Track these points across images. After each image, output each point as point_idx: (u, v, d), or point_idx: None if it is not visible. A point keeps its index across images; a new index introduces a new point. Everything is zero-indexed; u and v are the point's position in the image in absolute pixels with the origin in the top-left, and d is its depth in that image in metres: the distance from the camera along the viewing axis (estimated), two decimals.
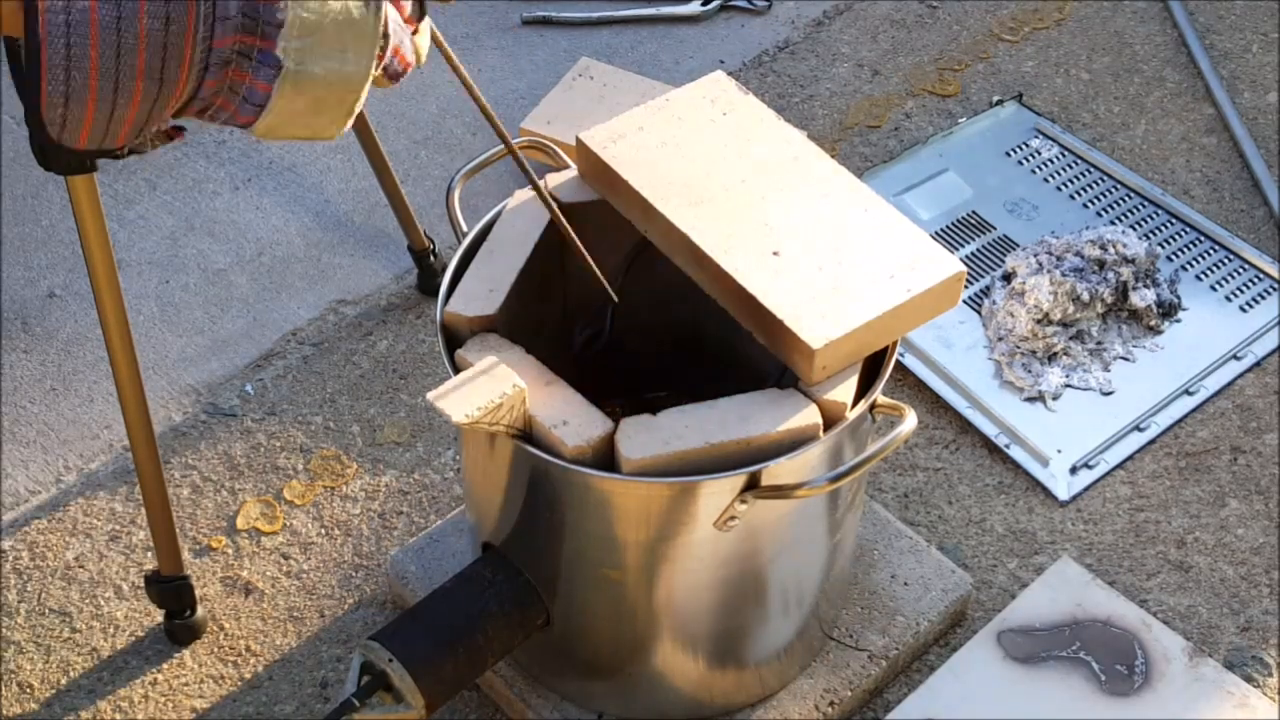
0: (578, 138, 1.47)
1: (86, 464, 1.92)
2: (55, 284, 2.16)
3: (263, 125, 1.19)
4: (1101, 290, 1.99)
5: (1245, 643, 1.72)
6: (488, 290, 1.39)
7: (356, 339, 2.07)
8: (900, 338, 1.38)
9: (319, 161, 2.35)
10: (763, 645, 1.53)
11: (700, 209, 1.39)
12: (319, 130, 1.22)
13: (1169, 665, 1.63)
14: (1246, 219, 2.22)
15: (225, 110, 1.20)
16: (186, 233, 2.23)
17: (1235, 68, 2.48)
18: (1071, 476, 1.88)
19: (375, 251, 2.20)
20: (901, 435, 1.30)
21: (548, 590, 1.45)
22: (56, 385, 2.02)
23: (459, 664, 1.42)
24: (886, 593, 1.68)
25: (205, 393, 2.01)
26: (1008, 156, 2.32)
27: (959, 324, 2.05)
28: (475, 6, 2.65)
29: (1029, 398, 1.95)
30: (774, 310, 1.30)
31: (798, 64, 2.52)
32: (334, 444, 1.94)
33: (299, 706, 1.66)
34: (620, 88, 2.34)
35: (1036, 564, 1.79)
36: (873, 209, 1.41)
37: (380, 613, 1.75)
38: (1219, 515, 1.85)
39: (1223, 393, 1.98)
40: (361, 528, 1.84)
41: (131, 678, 1.69)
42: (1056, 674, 1.62)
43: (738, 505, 1.29)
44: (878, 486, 1.88)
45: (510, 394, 1.26)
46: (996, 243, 2.17)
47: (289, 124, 1.20)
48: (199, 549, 1.82)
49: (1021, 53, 2.53)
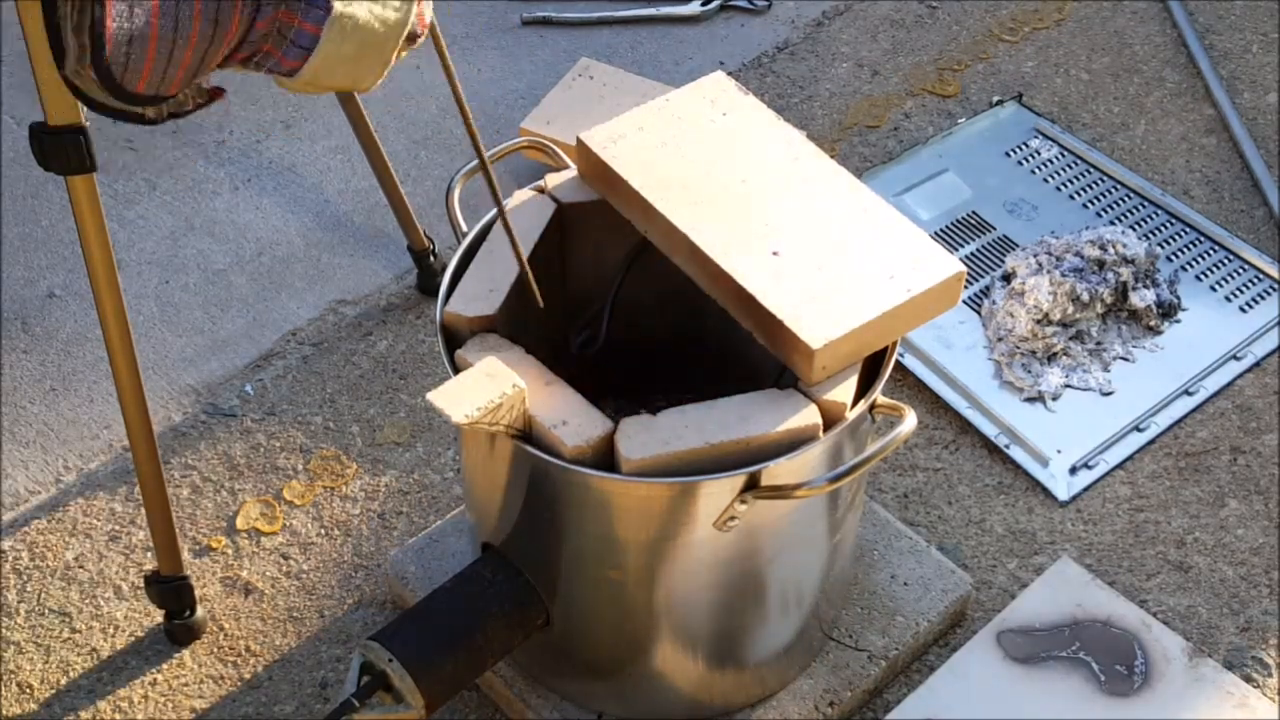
0: (578, 138, 1.47)
1: (86, 464, 1.92)
2: (55, 284, 2.16)
3: (308, 70, 1.20)
4: (1101, 290, 1.99)
5: (1245, 643, 1.72)
6: (487, 290, 1.39)
7: (356, 339, 2.07)
8: (900, 338, 1.38)
9: (319, 162, 2.35)
10: (762, 645, 1.53)
11: (700, 209, 1.39)
12: (359, 78, 1.23)
13: (1169, 665, 1.63)
14: (1246, 219, 2.22)
15: (271, 56, 1.20)
16: (186, 233, 2.24)
17: (1235, 68, 2.48)
18: (1071, 477, 1.88)
19: (375, 252, 2.20)
20: (901, 435, 1.30)
21: (547, 590, 1.45)
22: (56, 385, 2.02)
23: (459, 664, 1.42)
24: (886, 593, 1.68)
25: (205, 393, 2.01)
26: (1007, 157, 2.32)
27: (959, 324, 2.05)
28: (475, 6, 2.65)
29: (1029, 398, 1.95)
30: (774, 310, 1.30)
31: (797, 64, 2.52)
32: (334, 444, 1.94)
33: (299, 707, 1.66)
34: (620, 88, 2.34)
35: (1036, 564, 1.79)
36: (872, 209, 1.41)
37: (380, 613, 1.75)
38: (1218, 516, 1.85)
39: (1222, 393, 1.98)
40: (361, 528, 1.84)
41: (131, 678, 1.69)
42: (1056, 674, 1.62)
43: (737, 505, 1.29)
44: (878, 487, 1.88)
45: (510, 394, 1.26)
46: (996, 243, 2.17)
47: (332, 70, 1.21)
48: (199, 549, 1.82)
49: (1021, 53, 2.53)
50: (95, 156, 1.37)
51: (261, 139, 2.39)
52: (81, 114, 1.34)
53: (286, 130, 2.41)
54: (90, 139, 1.35)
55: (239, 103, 2.46)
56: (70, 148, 1.35)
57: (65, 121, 1.34)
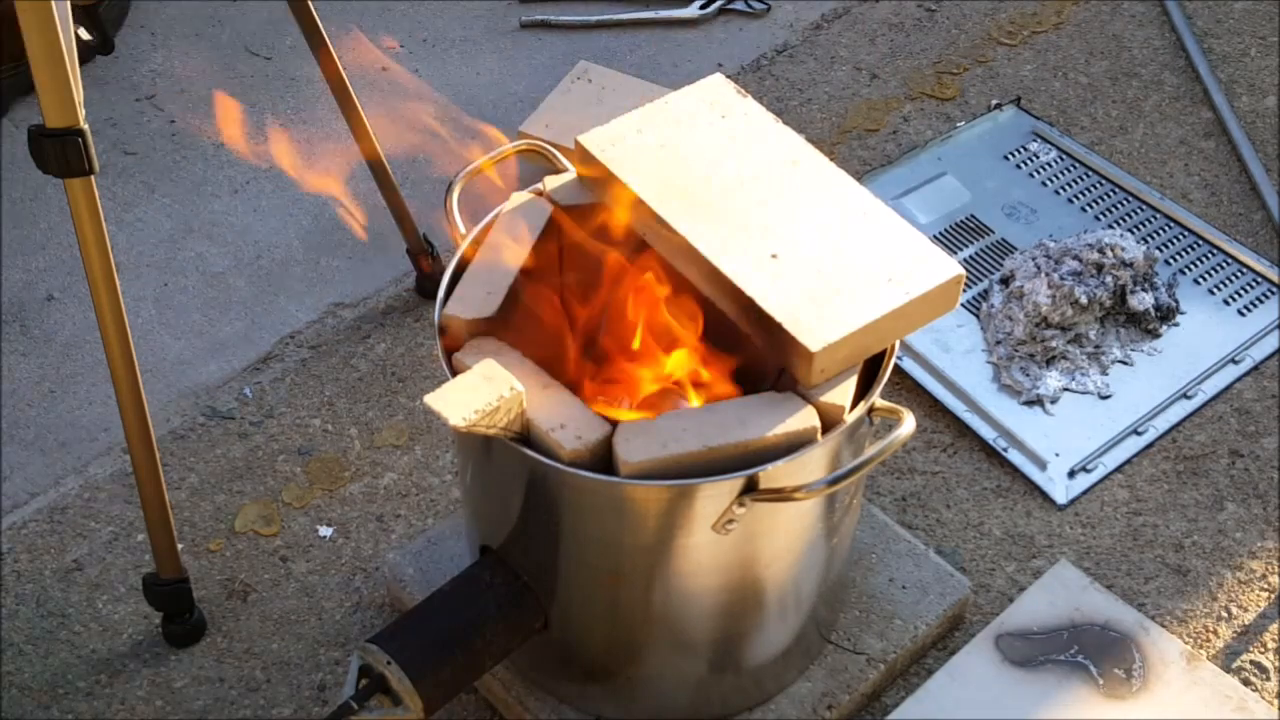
0: (576, 140, 1.47)
1: (85, 466, 1.92)
2: (54, 286, 2.16)
3: None
4: (1099, 294, 1.99)
5: (1242, 646, 1.72)
6: (485, 293, 1.39)
7: (354, 342, 2.07)
8: (898, 341, 1.38)
9: (318, 164, 2.35)
10: (760, 648, 1.53)
11: (698, 212, 1.39)
12: None
13: (1166, 669, 1.63)
14: (1244, 223, 2.23)
15: None
16: (185, 235, 2.24)
17: (1233, 71, 2.48)
18: (1069, 480, 1.88)
19: (373, 254, 2.20)
20: (899, 439, 1.30)
21: (545, 593, 1.45)
22: (55, 388, 2.02)
23: (457, 667, 1.42)
24: (884, 596, 1.68)
25: (204, 395, 2.01)
26: (1006, 160, 2.32)
27: (957, 327, 2.05)
28: (474, 10, 2.65)
29: (1027, 401, 1.95)
30: (772, 313, 1.30)
31: (796, 67, 2.52)
32: (332, 447, 1.94)
33: (297, 709, 1.66)
34: (619, 91, 2.34)
35: (1034, 567, 1.79)
36: (871, 212, 1.41)
37: (378, 615, 1.75)
38: (1217, 519, 1.85)
39: (1220, 396, 1.98)
40: (359, 531, 1.84)
41: (130, 680, 1.69)
42: (1054, 677, 1.62)
43: (736, 508, 1.29)
44: (876, 490, 1.88)
45: (508, 397, 1.25)
46: (995, 246, 2.17)
47: None
48: (197, 551, 1.82)
49: (1020, 56, 2.54)
50: (94, 159, 1.37)
51: (261, 142, 2.39)
52: (81, 116, 1.34)
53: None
54: (89, 141, 1.35)
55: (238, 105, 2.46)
56: (69, 150, 1.35)
57: (64, 124, 1.34)
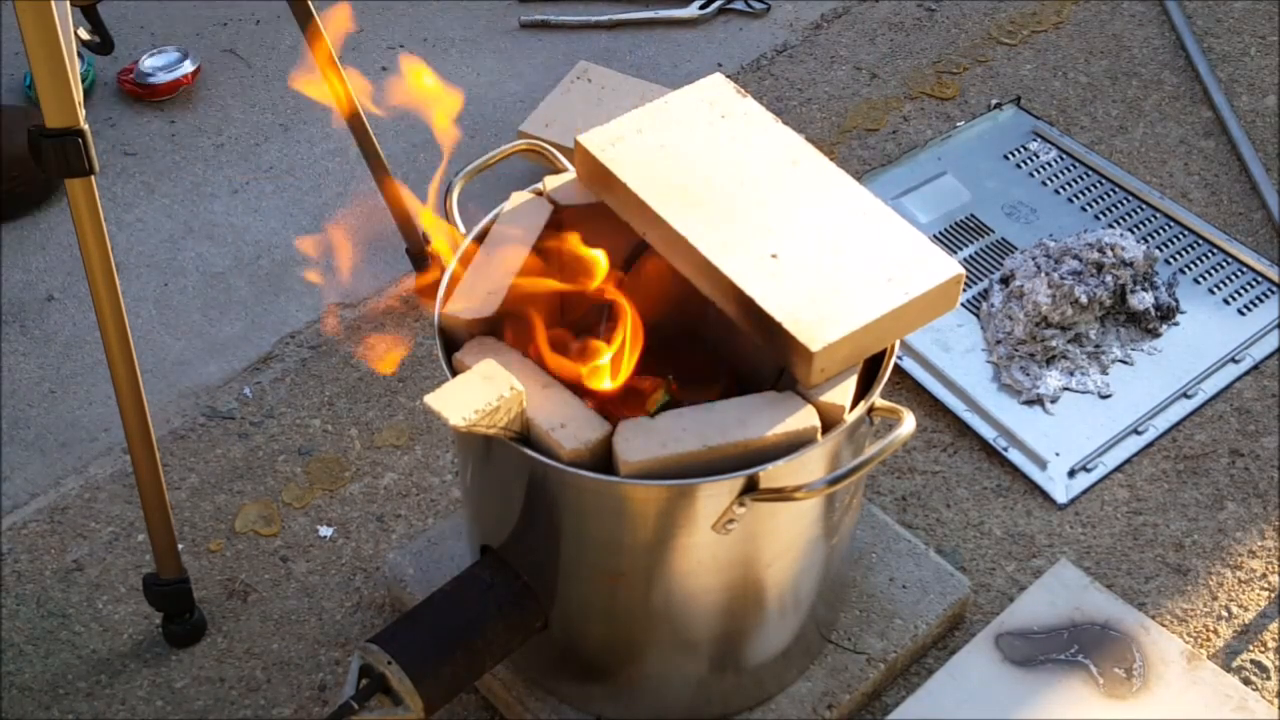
0: (576, 140, 1.47)
1: (85, 466, 1.92)
2: (54, 287, 2.16)
3: None
4: (1100, 293, 1.99)
5: (1243, 645, 1.72)
6: (485, 293, 1.39)
7: (354, 342, 2.07)
8: (899, 340, 1.38)
9: (317, 164, 2.35)
10: (760, 648, 1.53)
11: (698, 211, 1.39)
12: None
13: (1167, 668, 1.63)
14: (1244, 222, 2.23)
15: None
16: (185, 236, 2.24)
17: (1233, 71, 2.48)
18: (1070, 479, 1.88)
19: (373, 254, 2.20)
20: (900, 438, 1.30)
21: (546, 593, 1.45)
22: (55, 388, 2.02)
23: (457, 667, 1.42)
24: (885, 596, 1.68)
25: (204, 395, 2.01)
26: (1006, 159, 2.32)
27: (957, 327, 2.05)
28: (474, 9, 2.65)
29: (1027, 401, 1.95)
30: (772, 313, 1.30)
31: (796, 67, 2.52)
32: (332, 447, 1.94)
33: (297, 709, 1.66)
34: (618, 90, 2.34)
35: (1035, 567, 1.79)
36: (871, 212, 1.41)
37: (379, 615, 1.75)
38: (1217, 518, 1.85)
39: (1221, 396, 1.98)
40: (360, 531, 1.84)
41: (130, 680, 1.69)
42: (1054, 677, 1.62)
43: (736, 508, 1.29)
44: (876, 489, 1.88)
45: (508, 397, 1.25)
46: (995, 246, 2.17)
47: None
48: (198, 552, 1.82)
49: (1020, 56, 2.54)
50: (94, 159, 1.37)
51: (260, 142, 2.39)
52: (80, 117, 1.34)
53: (285, 133, 2.41)
54: (89, 142, 1.35)
55: (237, 106, 2.46)
56: (69, 150, 1.35)
57: (64, 124, 1.34)
